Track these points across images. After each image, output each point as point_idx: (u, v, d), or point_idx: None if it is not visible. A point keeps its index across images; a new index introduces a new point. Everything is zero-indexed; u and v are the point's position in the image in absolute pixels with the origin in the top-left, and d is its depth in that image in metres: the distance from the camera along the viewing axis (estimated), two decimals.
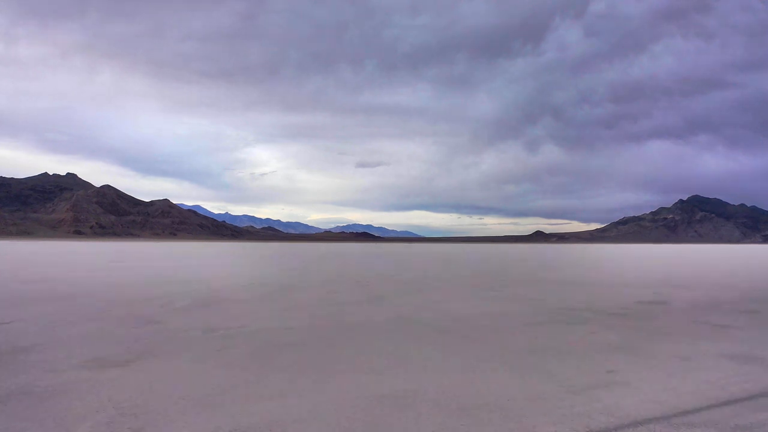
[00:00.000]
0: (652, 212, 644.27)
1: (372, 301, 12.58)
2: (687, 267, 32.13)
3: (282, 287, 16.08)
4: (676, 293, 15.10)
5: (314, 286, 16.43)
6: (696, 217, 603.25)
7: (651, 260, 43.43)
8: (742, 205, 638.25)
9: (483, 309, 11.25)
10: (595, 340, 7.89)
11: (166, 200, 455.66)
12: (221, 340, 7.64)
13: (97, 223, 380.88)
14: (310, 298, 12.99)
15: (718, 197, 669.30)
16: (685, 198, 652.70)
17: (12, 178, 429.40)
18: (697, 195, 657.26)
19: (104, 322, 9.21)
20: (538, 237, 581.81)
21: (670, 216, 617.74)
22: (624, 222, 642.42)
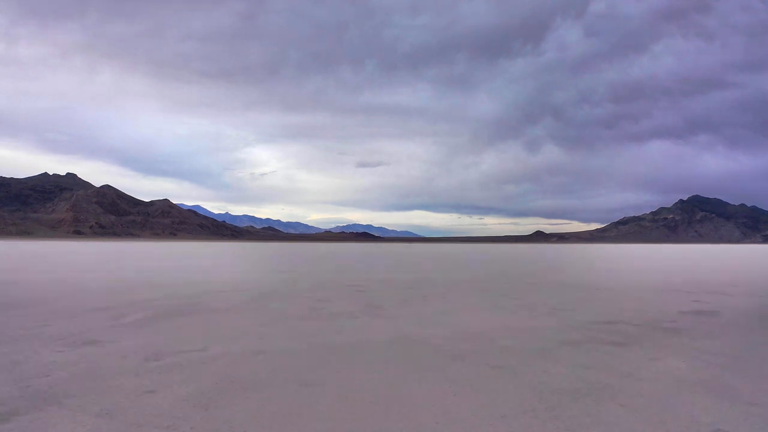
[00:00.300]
0: (652, 212, 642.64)
1: (368, 311, 10.61)
2: (703, 268, 30.14)
3: (267, 293, 14.12)
4: (718, 300, 13.14)
5: (304, 292, 14.47)
6: (696, 217, 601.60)
7: (660, 261, 41.44)
8: (743, 205, 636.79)
9: (502, 322, 9.29)
10: (662, 371, 5.92)
11: (166, 200, 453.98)
12: (161, 373, 5.68)
13: (96, 223, 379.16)
14: (296, 308, 11.03)
15: (718, 197, 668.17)
16: (685, 198, 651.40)
17: (12, 178, 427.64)
18: (697, 195, 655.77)
19: (29, 342, 7.26)
20: (539, 237, 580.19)
21: (671, 216, 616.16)
22: (624, 222, 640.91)
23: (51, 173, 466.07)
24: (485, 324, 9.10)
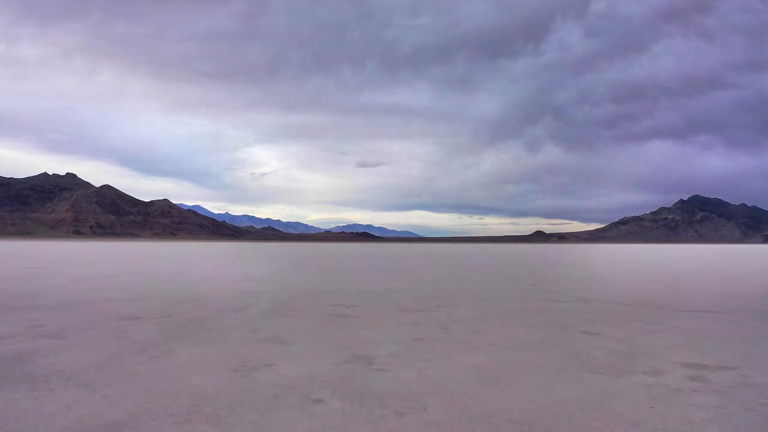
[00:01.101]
0: (652, 212, 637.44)
1: (347, 380, 5.59)
2: (752, 273, 25.09)
3: (198, 321, 9.11)
4: None
5: (255, 320, 9.48)
6: (696, 217, 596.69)
7: (691, 263, 36.37)
8: (743, 205, 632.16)
9: (634, 423, 4.32)
10: None
11: (165, 200, 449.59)
12: None
13: (96, 223, 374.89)
14: (217, 366, 6.05)
15: (718, 197, 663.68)
16: (685, 198, 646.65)
17: (12, 178, 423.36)
18: (697, 195, 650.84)
19: None
20: (539, 237, 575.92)
21: (671, 216, 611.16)
22: (624, 222, 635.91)
23: (51, 173, 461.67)
24: (588, 422, 4.11)
